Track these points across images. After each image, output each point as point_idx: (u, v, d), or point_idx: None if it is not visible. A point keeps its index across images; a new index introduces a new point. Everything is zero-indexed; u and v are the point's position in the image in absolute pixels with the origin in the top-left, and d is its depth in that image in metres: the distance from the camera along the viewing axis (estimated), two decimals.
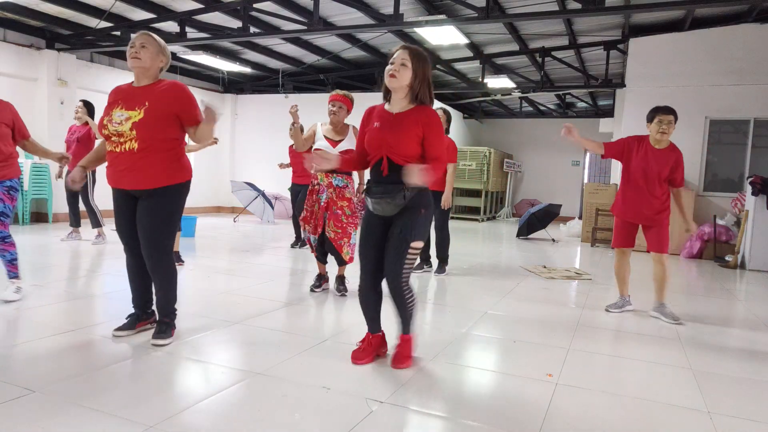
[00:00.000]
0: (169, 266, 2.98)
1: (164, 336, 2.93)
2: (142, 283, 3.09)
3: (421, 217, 2.65)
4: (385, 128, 2.63)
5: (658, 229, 4.00)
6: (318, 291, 4.43)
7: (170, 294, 3.01)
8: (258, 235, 8.34)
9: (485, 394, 2.49)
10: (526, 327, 3.65)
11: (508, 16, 7.22)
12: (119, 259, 5.51)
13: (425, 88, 2.63)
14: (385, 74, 2.62)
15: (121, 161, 2.83)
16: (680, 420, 2.29)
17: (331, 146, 4.12)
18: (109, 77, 9.85)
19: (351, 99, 4.26)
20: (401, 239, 2.62)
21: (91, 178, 6.53)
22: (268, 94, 12.31)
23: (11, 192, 3.61)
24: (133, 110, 2.79)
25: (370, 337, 2.87)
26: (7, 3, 7.26)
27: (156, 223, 2.87)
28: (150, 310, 3.16)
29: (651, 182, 3.95)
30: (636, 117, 8.83)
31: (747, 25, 8.11)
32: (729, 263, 7.14)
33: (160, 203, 2.87)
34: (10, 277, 3.70)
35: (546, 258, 7.24)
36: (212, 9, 7.38)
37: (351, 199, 4.17)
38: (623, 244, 4.17)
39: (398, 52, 2.61)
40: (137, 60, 2.83)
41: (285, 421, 2.09)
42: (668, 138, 3.96)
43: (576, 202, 15.60)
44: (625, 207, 4.07)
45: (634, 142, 4.07)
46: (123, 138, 2.79)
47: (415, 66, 2.58)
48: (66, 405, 2.14)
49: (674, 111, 3.96)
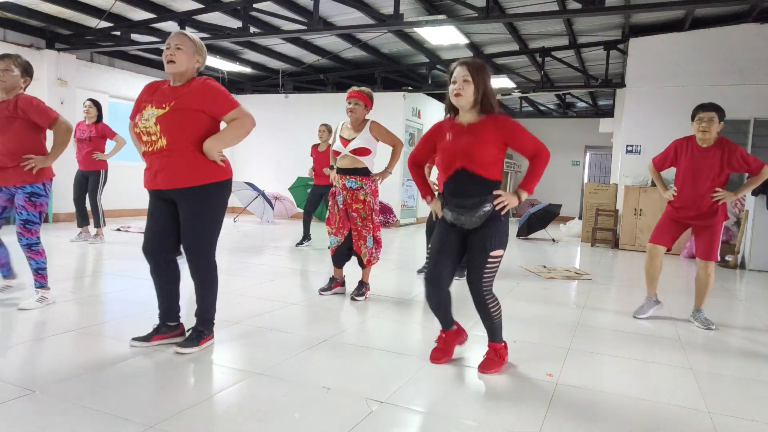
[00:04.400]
0: (209, 271, 2.86)
1: (190, 344, 2.80)
2: (167, 290, 2.93)
3: (502, 225, 2.68)
4: (459, 139, 2.64)
5: (709, 235, 3.84)
6: (326, 294, 4.30)
7: (209, 300, 2.90)
8: (258, 235, 8.34)
9: (485, 394, 2.49)
10: (526, 327, 3.65)
11: (508, 16, 7.21)
12: (120, 260, 5.52)
13: (489, 98, 2.64)
14: (449, 94, 2.63)
15: (155, 161, 2.74)
16: (680, 420, 2.29)
17: (342, 145, 4.10)
18: (109, 77, 9.86)
19: (368, 95, 4.15)
20: (482, 249, 2.64)
21: (103, 178, 6.53)
22: (268, 94, 12.31)
23: (32, 198, 3.46)
24: (161, 108, 2.69)
25: (443, 335, 2.93)
26: (7, 3, 7.26)
27: (197, 224, 2.76)
28: (174, 323, 2.97)
29: (701, 182, 3.81)
30: (636, 117, 8.85)
31: (747, 25, 8.10)
32: (729, 263, 7.14)
33: (200, 203, 2.75)
34: (36, 286, 3.58)
35: (546, 258, 7.24)
36: (212, 9, 7.38)
37: (366, 200, 4.10)
38: (661, 240, 3.98)
39: (457, 69, 2.62)
40: (172, 64, 2.71)
41: (285, 421, 2.09)
42: (712, 135, 3.78)
43: (576, 202, 15.60)
44: (677, 207, 3.94)
45: (682, 143, 3.97)
46: (153, 137, 2.70)
47: (476, 80, 2.59)
48: (66, 405, 2.14)
49: (716, 107, 3.80)
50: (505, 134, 2.62)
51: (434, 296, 2.81)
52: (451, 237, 2.72)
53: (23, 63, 3.55)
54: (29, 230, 3.49)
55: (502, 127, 2.62)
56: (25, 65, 3.55)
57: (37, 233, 3.52)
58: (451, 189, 2.69)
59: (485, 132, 2.61)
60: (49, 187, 3.61)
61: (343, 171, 4.13)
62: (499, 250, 2.67)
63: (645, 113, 8.82)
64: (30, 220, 3.48)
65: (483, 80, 2.61)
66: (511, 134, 2.63)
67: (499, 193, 2.62)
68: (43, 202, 3.55)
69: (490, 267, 2.67)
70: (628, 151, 9.00)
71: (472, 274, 2.69)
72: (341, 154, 4.12)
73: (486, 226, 2.64)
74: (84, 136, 6.44)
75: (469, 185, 2.62)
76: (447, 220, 2.73)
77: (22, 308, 3.46)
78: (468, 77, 2.58)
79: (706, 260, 3.86)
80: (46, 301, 3.58)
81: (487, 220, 2.64)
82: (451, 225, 2.72)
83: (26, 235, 3.48)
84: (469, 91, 2.59)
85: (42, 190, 3.54)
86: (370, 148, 4.09)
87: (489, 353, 2.81)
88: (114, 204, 9.33)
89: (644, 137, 8.81)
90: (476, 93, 2.60)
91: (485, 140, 2.60)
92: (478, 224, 2.64)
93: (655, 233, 4.04)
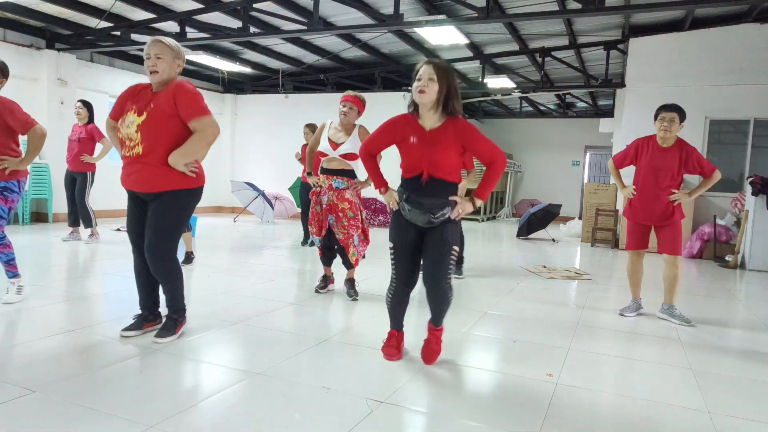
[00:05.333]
0: (170, 266, 2.96)
1: (166, 334, 2.95)
2: (148, 284, 3.09)
3: (456, 225, 2.76)
4: (424, 145, 2.67)
5: (670, 230, 3.94)
6: (323, 292, 4.39)
7: (174, 291, 3.02)
8: (258, 235, 8.34)
9: (485, 394, 2.49)
10: (526, 327, 3.65)
11: (508, 16, 7.21)
12: (117, 259, 5.51)
13: (454, 100, 2.65)
14: (413, 91, 2.64)
15: (131, 165, 2.85)
16: (680, 420, 2.29)
17: (331, 149, 4.10)
18: (109, 77, 9.86)
19: (362, 100, 4.20)
20: (444, 242, 2.68)
21: (90, 179, 6.52)
22: (268, 94, 12.31)
23: (5, 193, 3.52)
24: (141, 114, 2.79)
25: (396, 333, 2.99)
26: (7, 3, 7.25)
27: (159, 225, 2.87)
28: (157, 312, 3.16)
29: (660, 181, 3.91)
30: (636, 117, 8.84)
31: (747, 25, 8.10)
32: (729, 263, 7.14)
33: (166, 206, 2.86)
34: (9, 277, 3.67)
35: (546, 258, 7.24)
36: (212, 9, 7.38)
37: (352, 201, 4.13)
38: (636, 246, 4.12)
39: (423, 68, 2.63)
40: (156, 74, 2.82)
41: (285, 421, 2.09)
42: (672, 135, 3.90)
43: (576, 202, 15.60)
44: (636, 208, 4.04)
45: (642, 142, 4.05)
46: (132, 142, 2.80)
47: (441, 80, 2.60)
48: (66, 405, 2.14)
49: (678, 108, 3.91)
50: (462, 139, 2.65)
51: (403, 294, 2.89)
52: (411, 236, 2.77)
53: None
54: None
55: (460, 132, 2.65)
56: (0, 66, 3.55)
57: (2, 228, 3.56)
58: (412, 186, 2.72)
59: (446, 139, 2.65)
60: (23, 184, 3.64)
61: (331, 172, 4.14)
62: (456, 245, 2.75)
63: (645, 113, 8.74)
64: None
65: (448, 81, 2.62)
66: (468, 139, 2.66)
67: (455, 200, 2.68)
68: (14, 198, 3.58)
69: (451, 260, 2.72)
70: None
71: (435, 268, 2.71)
72: (328, 156, 4.13)
73: (444, 224, 2.71)
74: (74, 137, 6.45)
75: (431, 187, 2.68)
76: (402, 214, 2.77)
77: (6, 302, 3.55)
78: (433, 76, 2.59)
79: (672, 254, 3.95)
80: (22, 289, 3.69)
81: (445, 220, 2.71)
82: (408, 223, 2.76)
83: None
84: (432, 89, 2.59)
85: (15, 187, 3.57)
86: (358, 153, 4.11)
87: (431, 341, 2.90)
88: (107, 204, 9.32)
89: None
90: (439, 93, 2.61)
91: (447, 147, 2.64)
92: (432, 226, 2.70)
93: (627, 240, 4.20)
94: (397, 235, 2.81)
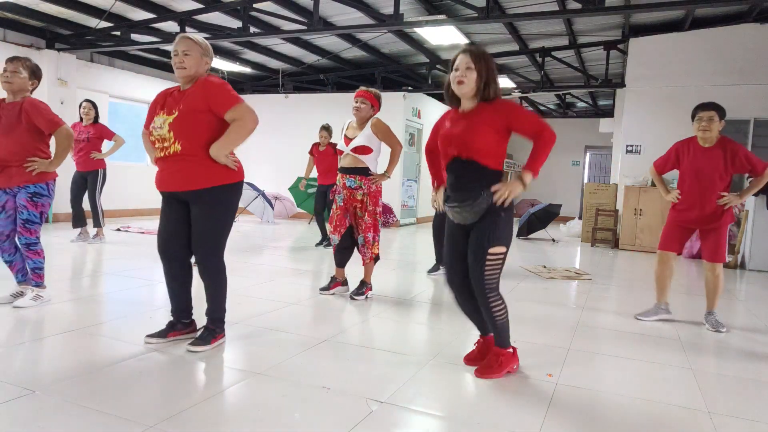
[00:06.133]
0: (219, 271, 2.90)
1: (202, 343, 2.84)
2: (180, 289, 2.97)
3: (501, 220, 2.55)
4: (456, 126, 2.57)
5: (716, 235, 3.77)
6: (326, 293, 4.32)
7: (218, 298, 2.94)
8: (258, 235, 8.34)
9: (485, 394, 2.49)
10: (526, 327, 3.65)
11: (508, 16, 7.21)
12: (120, 259, 5.52)
13: (492, 85, 2.54)
14: (451, 82, 2.56)
15: (168, 165, 2.78)
16: (680, 420, 2.29)
17: (345, 144, 4.12)
18: (109, 77, 9.86)
19: (376, 95, 4.15)
20: (479, 245, 2.54)
21: (101, 177, 6.52)
22: (268, 94, 12.31)
23: (34, 199, 3.47)
24: (171, 114, 2.74)
25: (482, 339, 2.85)
26: (7, 3, 7.26)
27: (208, 227, 2.80)
28: (188, 320, 3.03)
29: (705, 183, 3.73)
30: (636, 117, 8.86)
31: (747, 25, 8.11)
32: (729, 263, 7.14)
33: (211, 206, 2.79)
34: (33, 285, 3.61)
35: (546, 258, 7.24)
36: (212, 9, 7.38)
37: (364, 201, 4.12)
38: (669, 247, 3.92)
39: (460, 57, 2.55)
40: (183, 70, 2.76)
41: (285, 421, 2.09)
42: (713, 134, 3.72)
43: (576, 202, 15.60)
44: (681, 212, 3.86)
45: (683, 145, 3.90)
46: (167, 143, 2.73)
47: (479, 67, 2.51)
48: (66, 405, 2.13)
49: (716, 105, 3.74)
50: (504, 115, 2.51)
51: (460, 303, 2.80)
52: (458, 238, 2.67)
53: (32, 66, 3.55)
54: (29, 230, 3.49)
55: (500, 109, 2.53)
56: (33, 68, 3.55)
57: (36, 233, 3.53)
58: (449, 181, 2.63)
59: (482, 115, 2.52)
60: (52, 187, 3.61)
61: (344, 170, 4.15)
62: (499, 246, 2.54)
63: (645, 113, 8.82)
64: (30, 220, 3.49)
65: (486, 68, 2.52)
66: (510, 115, 2.52)
67: (497, 188, 2.51)
68: (45, 203, 3.55)
69: (490, 265, 2.55)
70: (628, 151, 9.01)
71: (473, 272, 2.59)
72: (344, 153, 4.15)
73: (484, 221, 2.54)
74: (81, 137, 6.41)
75: (465, 175, 2.54)
76: (449, 218, 2.71)
77: (16, 306, 3.49)
78: (471, 64, 2.51)
79: (713, 262, 3.80)
80: (41, 299, 3.59)
81: (485, 215, 2.54)
82: (456, 224, 2.67)
83: (25, 234, 3.49)
84: (471, 78, 2.51)
85: (45, 190, 3.54)
86: (372, 146, 4.09)
87: (490, 357, 2.70)
88: (113, 204, 9.32)
89: (644, 137, 8.82)
90: (479, 81, 2.52)
91: (481, 123, 2.51)
92: (475, 219, 2.55)
93: (663, 240, 3.97)
94: (447, 240, 2.72)
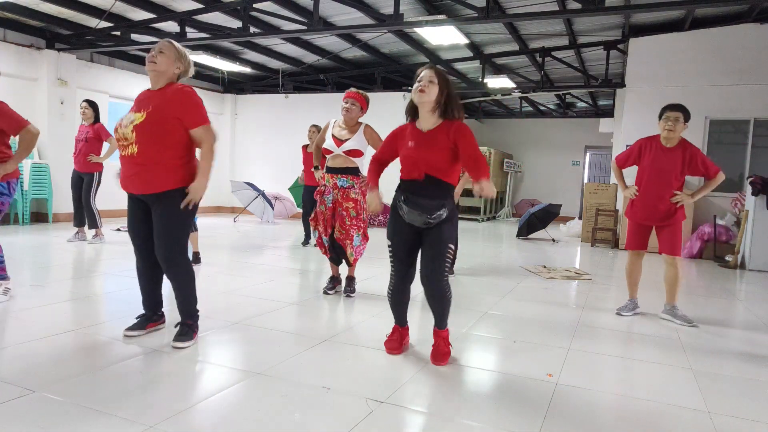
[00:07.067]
0: (184, 269, 2.95)
1: (185, 338, 2.92)
2: (151, 285, 3.10)
3: (454, 225, 2.83)
4: (420, 147, 2.74)
5: (671, 231, 3.94)
6: (331, 293, 4.37)
7: (189, 296, 3.01)
8: (258, 235, 8.34)
9: (485, 394, 2.49)
10: (526, 327, 3.65)
11: (508, 16, 7.21)
12: (119, 260, 5.51)
13: (453, 104, 2.73)
14: (413, 92, 2.73)
15: (128, 166, 2.85)
16: (680, 420, 2.29)
17: (335, 145, 4.11)
18: (109, 77, 9.86)
19: (365, 97, 4.20)
20: (441, 241, 2.73)
21: (96, 180, 6.51)
22: (268, 94, 12.31)
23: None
24: (139, 113, 2.79)
25: (399, 329, 3.04)
26: (7, 3, 7.26)
27: (166, 227, 2.86)
28: (160, 312, 3.17)
29: (663, 181, 3.90)
30: (636, 117, 8.84)
31: (747, 25, 8.11)
32: (729, 263, 7.14)
33: (169, 208, 2.85)
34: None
35: (546, 258, 7.24)
36: (212, 9, 7.38)
37: (357, 200, 4.12)
38: (637, 246, 4.13)
39: (425, 71, 2.73)
40: (152, 64, 2.84)
41: (285, 421, 2.09)
42: (677, 135, 3.88)
43: (576, 202, 15.60)
44: (638, 209, 4.04)
45: (645, 142, 4.04)
46: (127, 141, 2.80)
47: (441, 83, 2.70)
48: (66, 405, 2.14)
49: (683, 108, 3.88)
50: (453, 138, 2.68)
51: (399, 291, 2.95)
52: (408, 235, 2.83)
53: None
54: None
55: (454, 132, 2.69)
56: None
57: None
58: (410, 188, 2.76)
59: (440, 138, 2.70)
60: (14, 186, 3.61)
61: (335, 170, 4.15)
62: (453, 244, 2.80)
63: (645, 113, 8.79)
64: None
65: (447, 86, 2.72)
66: (459, 139, 2.67)
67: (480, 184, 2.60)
68: (4, 201, 3.56)
69: (448, 258, 2.76)
70: None
71: (431, 266, 2.74)
72: (333, 153, 4.13)
73: (443, 225, 2.75)
74: (81, 137, 6.42)
75: (429, 188, 2.72)
76: (400, 214, 2.81)
77: None
78: (434, 78, 2.69)
79: (672, 255, 3.96)
80: (9, 291, 3.68)
81: (443, 220, 2.74)
82: (407, 223, 2.80)
83: None
84: (433, 90, 2.68)
85: (5, 189, 3.55)
86: (363, 150, 4.14)
87: (438, 342, 2.89)
88: (111, 204, 9.31)
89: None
90: (440, 95, 2.69)
91: (441, 147, 2.69)
92: (429, 226, 2.74)
93: (628, 240, 4.20)
94: (395, 233, 2.87)
